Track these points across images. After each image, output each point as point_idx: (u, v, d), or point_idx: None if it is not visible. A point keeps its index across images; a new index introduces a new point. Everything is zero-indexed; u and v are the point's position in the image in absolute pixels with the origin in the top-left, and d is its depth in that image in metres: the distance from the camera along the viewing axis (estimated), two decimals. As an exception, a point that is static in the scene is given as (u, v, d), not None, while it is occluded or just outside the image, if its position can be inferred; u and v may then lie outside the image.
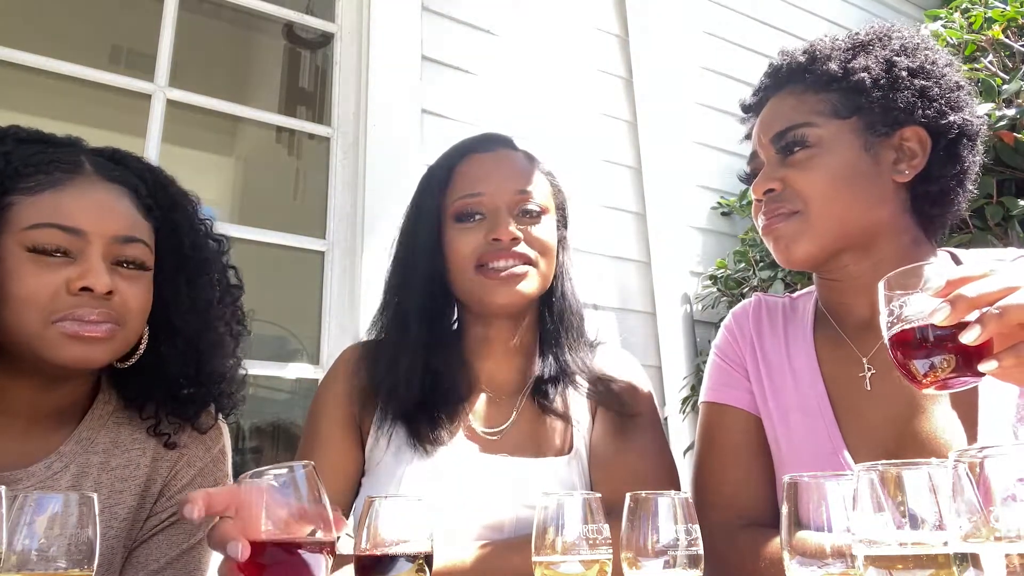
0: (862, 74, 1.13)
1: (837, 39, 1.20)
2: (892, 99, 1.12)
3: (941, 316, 0.74)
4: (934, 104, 1.12)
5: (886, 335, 0.80)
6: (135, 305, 1.08)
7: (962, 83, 1.16)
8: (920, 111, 1.12)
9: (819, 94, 1.16)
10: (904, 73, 1.13)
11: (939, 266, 0.80)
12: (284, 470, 0.80)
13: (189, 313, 1.16)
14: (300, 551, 0.77)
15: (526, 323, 1.32)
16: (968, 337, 0.73)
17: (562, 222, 1.38)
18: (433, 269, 1.27)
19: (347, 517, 1.22)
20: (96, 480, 1.12)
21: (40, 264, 1.02)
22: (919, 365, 0.77)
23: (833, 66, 1.15)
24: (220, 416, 1.25)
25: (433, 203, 1.29)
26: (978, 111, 1.17)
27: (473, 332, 1.32)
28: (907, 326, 0.78)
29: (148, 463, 1.16)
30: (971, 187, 1.18)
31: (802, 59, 1.19)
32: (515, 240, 1.23)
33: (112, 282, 1.04)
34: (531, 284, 1.24)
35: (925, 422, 1.04)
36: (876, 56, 1.15)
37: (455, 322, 1.35)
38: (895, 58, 1.14)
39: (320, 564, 0.78)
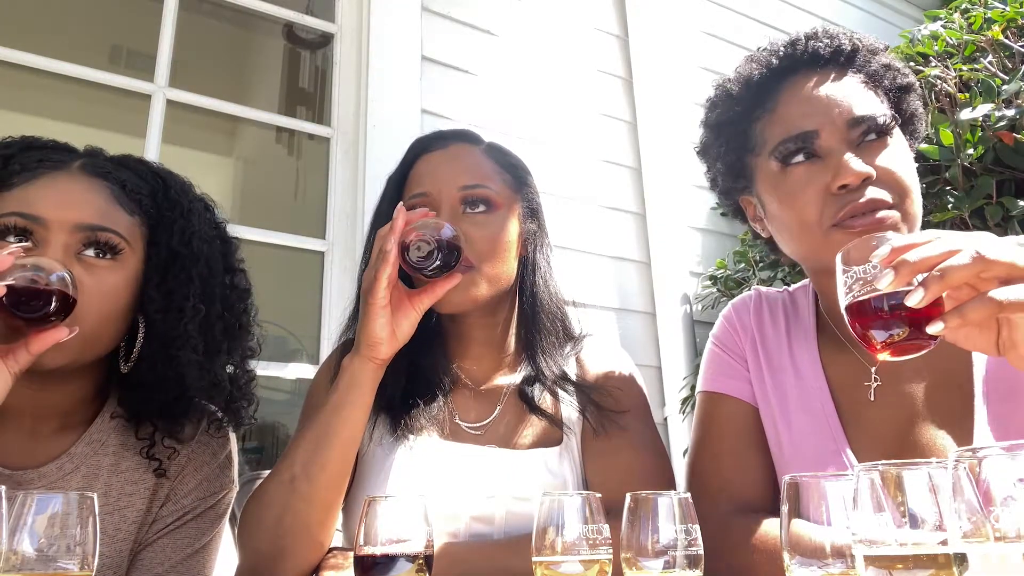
0: (911, 77, 1.13)
1: (854, 33, 1.19)
2: (919, 109, 1.15)
3: (886, 282, 0.77)
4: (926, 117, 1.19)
5: (842, 305, 0.82)
6: (95, 300, 1.03)
7: None
8: (923, 123, 1.17)
9: (876, 87, 1.12)
10: (921, 87, 1.20)
11: (891, 236, 0.82)
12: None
13: (166, 312, 1.10)
14: None
15: (500, 320, 1.31)
16: (911, 300, 0.75)
17: (529, 216, 1.34)
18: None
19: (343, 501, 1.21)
20: (107, 482, 1.12)
21: None
22: (874, 333, 0.79)
23: (890, 62, 1.14)
24: (215, 426, 1.20)
25: (392, 205, 1.28)
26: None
27: (448, 330, 1.32)
28: (859, 295, 0.80)
29: (157, 464, 1.16)
30: None
31: (857, 44, 1.14)
32: None
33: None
34: (472, 288, 1.21)
35: (929, 433, 1.04)
36: (896, 60, 1.17)
37: (435, 322, 1.34)
38: (905, 67, 1.17)
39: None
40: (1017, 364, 0.80)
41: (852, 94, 1.10)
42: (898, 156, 1.08)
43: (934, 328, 0.76)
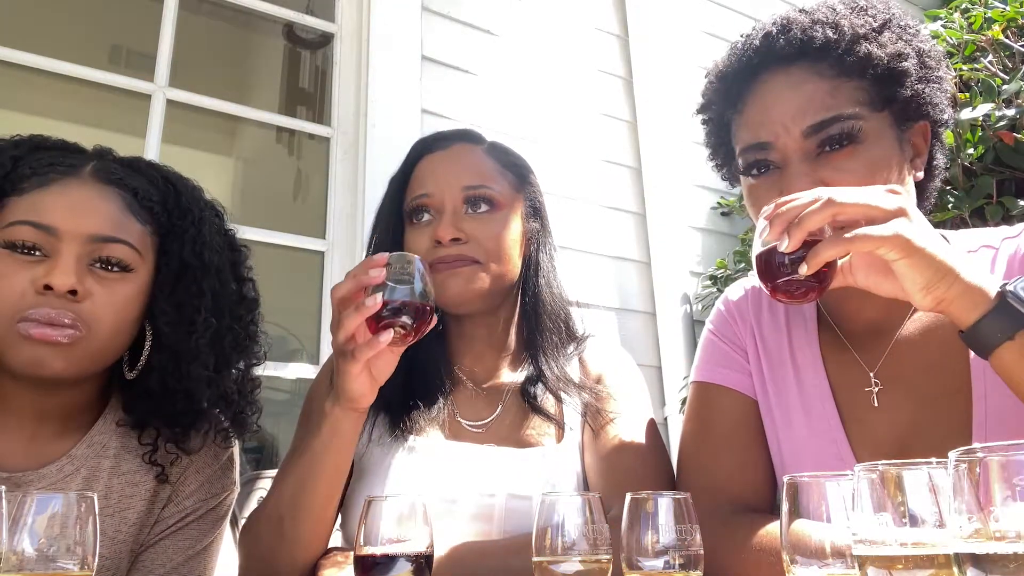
0: (907, 62, 1.03)
1: (851, 12, 1.07)
2: (925, 92, 1.05)
3: (765, 234, 0.89)
4: (944, 98, 1.08)
5: (753, 259, 0.92)
6: (107, 312, 1.02)
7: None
8: (939, 105, 1.07)
9: (851, 79, 1.03)
10: (932, 63, 1.07)
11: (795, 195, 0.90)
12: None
13: (176, 325, 1.10)
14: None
15: (502, 320, 1.32)
16: (781, 247, 0.86)
17: (532, 215, 1.34)
18: None
19: (340, 508, 1.22)
20: (107, 484, 1.12)
21: (13, 262, 0.99)
22: (768, 279, 0.90)
23: (872, 49, 1.02)
24: (221, 436, 1.20)
25: (394, 205, 1.31)
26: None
27: (452, 329, 1.33)
28: (759, 248, 0.91)
29: (159, 470, 1.15)
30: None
31: (831, 34, 1.03)
32: (456, 240, 1.22)
33: (83, 284, 1.00)
34: (478, 284, 1.22)
35: (934, 435, 1.02)
36: (906, 40, 1.06)
37: (438, 322, 1.35)
38: (920, 44, 1.07)
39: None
40: (919, 306, 0.87)
41: (814, 99, 1.02)
42: (864, 164, 1.00)
43: (802, 269, 0.86)
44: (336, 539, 1.20)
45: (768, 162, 1.07)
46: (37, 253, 1.01)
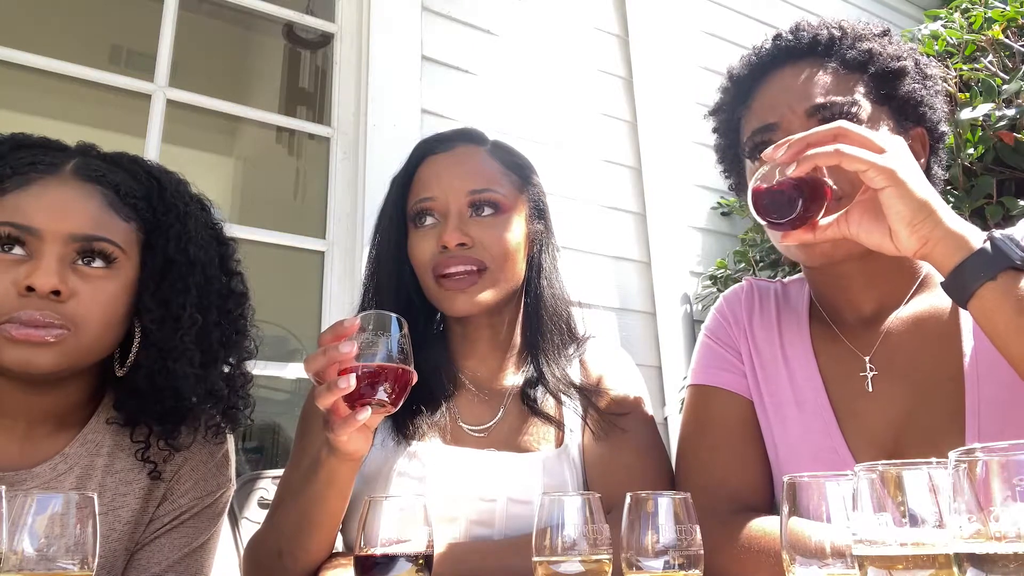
0: (905, 62, 1.10)
1: (855, 21, 1.16)
2: (921, 94, 1.11)
3: (768, 153, 0.94)
4: (940, 108, 1.14)
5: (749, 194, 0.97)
6: (92, 310, 1.02)
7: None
8: (935, 112, 1.13)
9: (854, 73, 1.10)
10: (928, 71, 1.13)
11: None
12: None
13: (162, 322, 1.09)
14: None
15: (506, 321, 1.32)
16: (777, 153, 0.92)
17: (536, 216, 1.35)
18: (401, 272, 1.28)
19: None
20: (100, 483, 1.11)
21: None
22: (757, 205, 0.95)
23: (874, 47, 1.10)
24: (212, 431, 1.19)
25: (397, 208, 1.30)
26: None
27: (454, 331, 1.33)
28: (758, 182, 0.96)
29: (152, 467, 1.15)
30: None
31: (836, 32, 1.12)
32: (462, 245, 1.21)
33: (65, 283, 1.00)
34: (485, 290, 1.22)
35: (928, 424, 1.03)
36: (903, 47, 1.13)
37: (439, 322, 1.36)
38: (916, 56, 1.14)
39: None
40: (905, 248, 0.89)
41: (819, 84, 1.09)
42: None
43: (789, 170, 0.91)
44: (336, 542, 1.20)
45: (771, 142, 1.09)
46: (16, 254, 1.00)
